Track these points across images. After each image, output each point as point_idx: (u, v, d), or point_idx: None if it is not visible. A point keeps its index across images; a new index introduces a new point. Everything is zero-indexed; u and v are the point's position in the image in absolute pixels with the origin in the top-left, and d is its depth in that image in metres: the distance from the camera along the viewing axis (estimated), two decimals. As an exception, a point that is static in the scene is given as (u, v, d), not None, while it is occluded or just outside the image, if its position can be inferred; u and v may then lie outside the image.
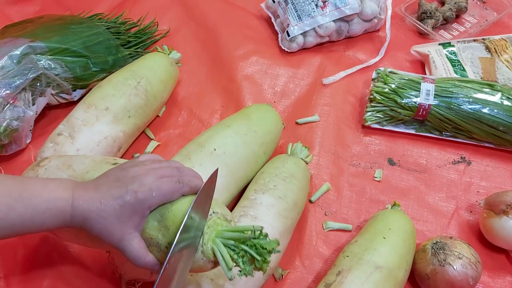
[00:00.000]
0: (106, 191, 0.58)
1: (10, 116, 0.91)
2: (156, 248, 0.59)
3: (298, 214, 0.85)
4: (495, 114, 0.98)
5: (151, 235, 0.59)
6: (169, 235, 0.58)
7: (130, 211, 0.57)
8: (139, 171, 0.60)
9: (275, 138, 0.95)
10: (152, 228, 0.59)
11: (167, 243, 0.58)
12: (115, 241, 0.57)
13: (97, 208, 0.57)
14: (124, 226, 0.57)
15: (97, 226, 0.57)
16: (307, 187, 0.90)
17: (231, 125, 0.90)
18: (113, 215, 0.57)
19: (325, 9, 1.17)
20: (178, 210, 0.59)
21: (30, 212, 0.56)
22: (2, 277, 0.81)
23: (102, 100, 0.93)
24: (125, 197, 0.57)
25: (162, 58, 1.05)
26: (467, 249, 0.78)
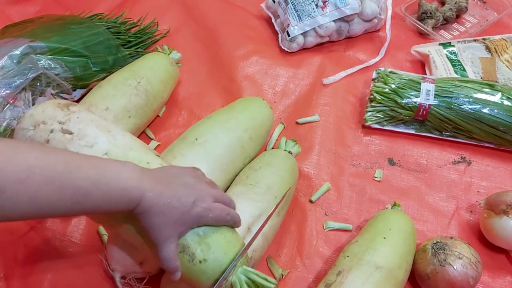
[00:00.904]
0: (174, 192, 0.61)
1: (10, 116, 0.91)
2: (188, 257, 0.63)
3: (277, 198, 0.82)
4: (495, 114, 0.98)
5: (189, 245, 0.63)
6: (208, 252, 0.63)
7: (185, 220, 0.62)
8: (204, 187, 0.65)
9: (263, 124, 0.95)
10: (193, 240, 0.63)
11: (203, 259, 0.63)
12: (160, 238, 0.61)
13: (163, 206, 0.60)
14: (175, 229, 0.61)
15: (154, 220, 0.60)
16: (288, 173, 0.88)
17: (213, 116, 0.92)
18: (172, 217, 0.60)
19: (325, 9, 1.17)
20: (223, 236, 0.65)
21: (106, 199, 0.58)
22: (2, 277, 0.81)
23: (102, 100, 0.93)
24: (189, 207, 0.61)
25: (162, 58, 1.05)
26: (467, 249, 0.78)
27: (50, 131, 0.69)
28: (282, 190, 0.85)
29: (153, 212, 0.60)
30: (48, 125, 0.69)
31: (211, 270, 0.63)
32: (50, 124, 0.69)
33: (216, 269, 0.63)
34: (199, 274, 0.63)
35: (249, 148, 0.91)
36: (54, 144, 0.68)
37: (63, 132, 0.68)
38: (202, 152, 0.84)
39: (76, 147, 0.67)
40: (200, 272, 0.63)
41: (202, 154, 0.83)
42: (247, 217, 0.78)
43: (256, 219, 0.79)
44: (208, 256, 0.63)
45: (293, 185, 0.89)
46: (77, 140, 0.68)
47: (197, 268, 0.63)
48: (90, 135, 0.69)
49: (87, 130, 0.69)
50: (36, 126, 0.69)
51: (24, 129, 0.70)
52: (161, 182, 0.62)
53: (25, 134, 0.70)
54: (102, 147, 0.68)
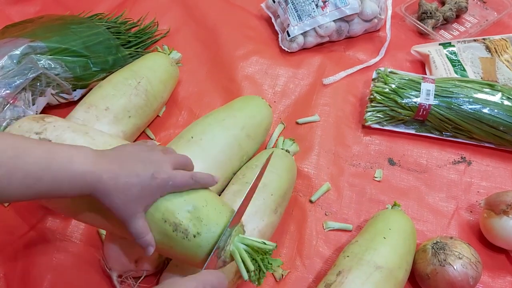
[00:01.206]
0: (131, 170, 0.61)
1: (10, 116, 0.91)
2: (182, 234, 0.63)
3: (273, 195, 0.83)
4: (495, 114, 0.98)
5: (181, 222, 0.63)
6: (200, 226, 0.63)
7: (148, 194, 0.62)
8: (160, 157, 0.65)
9: (261, 122, 0.95)
10: (184, 217, 0.63)
11: (196, 232, 0.63)
12: (126, 216, 0.61)
13: (122, 185, 0.60)
14: (139, 205, 0.62)
15: (116, 200, 0.60)
16: (285, 171, 0.88)
17: (209, 115, 0.92)
18: (134, 194, 0.61)
19: (325, 9, 1.17)
20: (212, 208, 0.65)
21: (57, 183, 0.58)
22: (2, 277, 0.81)
23: (102, 100, 0.93)
24: (147, 180, 0.61)
25: (163, 58, 1.05)
26: (467, 249, 0.78)
27: None
28: (278, 187, 0.85)
29: (112, 194, 0.60)
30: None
31: (206, 242, 0.63)
32: (28, 136, 0.70)
33: (210, 240, 0.64)
34: (195, 248, 0.64)
35: (246, 146, 0.90)
36: None
37: (41, 139, 0.69)
38: (198, 150, 0.84)
39: None
40: (196, 246, 0.63)
41: (198, 152, 0.83)
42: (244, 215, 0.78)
43: (251, 216, 0.79)
44: (201, 229, 0.63)
45: (291, 183, 0.89)
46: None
47: (192, 243, 0.63)
48: (67, 139, 0.70)
49: (64, 135, 0.71)
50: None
51: None
52: (116, 162, 0.62)
53: None
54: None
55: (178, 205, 0.64)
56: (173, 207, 0.64)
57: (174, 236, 0.63)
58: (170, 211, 0.63)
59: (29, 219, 0.88)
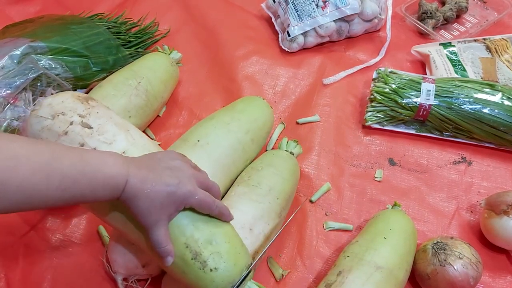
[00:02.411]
0: (159, 176, 0.62)
1: (10, 116, 0.91)
2: (200, 264, 0.63)
3: (278, 199, 0.83)
4: (495, 114, 0.98)
5: (201, 252, 0.63)
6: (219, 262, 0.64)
7: (173, 202, 0.62)
8: (187, 170, 0.65)
9: (264, 125, 0.95)
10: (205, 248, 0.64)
11: (214, 267, 0.63)
12: (149, 222, 0.62)
13: (149, 189, 0.60)
14: (163, 212, 0.62)
15: (141, 204, 0.61)
16: (289, 173, 0.88)
17: (214, 117, 0.92)
18: (159, 200, 0.61)
19: (326, 9, 1.17)
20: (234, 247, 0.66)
21: (92, 186, 0.58)
22: (2, 277, 0.81)
23: (102, 100, 0.92)
24: (174, 188, 0.62)
25: (163, 58, 1.05)
26: (467, 249, 0.78)
27: (69, 123, 0.68)
28: (283, 191, 0.85)
29: (138, 197, 0.60)
30: (67, 117, 0.69)
31: (221, 280, 0.63)
32: (70, 116, 0.69)
33: (225, 279, 0.64)
34: (208, 282, 0.64)
35: (250, 150, 0.91)
36: (73, 136, 0.68)
37: (83, 126, 0.69)
38: (204, 154, 0.83)
39: (95, 142, 0.68)
40: (210, 281, 0.63)
41: (204, 156, 0.83)
42: (249, 218, 0.78)
43: (258, 220, 0.78)
44: (219, 265, 0.63)
45: (294, 186, 0.89)
46: (97, 135, 0.69)
47: (207, 276, 0.63)
48: (109, 131, 0.70)
49: (106, 127, 0.70)
50: (54, 116, 0.69)
51: (41, 118, 0.69)
52: (145, 167, 0.62)
53: (42, 122, 0.69)
54: (121, 145, 0.69)
55: (203, 235, 0.64)
56: (198, 236, 0.64)
57: (191, 263, 0.63)
58: (195, 239, 0.64)
59: (29, 219, 0.88)
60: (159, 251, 0.63)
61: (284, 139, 0.96)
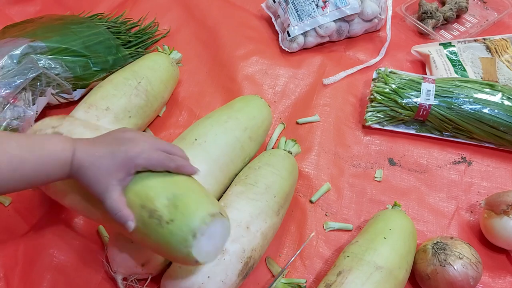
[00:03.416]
0: (103, 146, 0.64)
1: (10, 115, 0.91)
2: (156, 220, 0.62)
3: (276, 197, 0.83)
4: (495, 114, 0.98)
5: (157, 208, 0.63)
6: (175, 213, 0.62)
7: (119, 165, 0.62)
8: (137, 136, 0.66)
9: (262, 123, 0.95)
10: (161, 203, 0.63)
11: (170, 219, 0.62)
12: (99, 190, 0.62)
13: (92, 158, 0.62)
14: (111, 178, 0.62)
15: (88, 173, 0.62)
16: (287, 172, 0.88)
17: (212, 116, 0.92)
18: (104, 166, 0.62)
19: (326, 9, 1.17)
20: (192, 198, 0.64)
21: (40, 164, 0.60)
22: (2, 277, 0.81)
23: (102, 100, 0.93)
24: (116, 153, 0.62)
25: (163, 58, 1.05)
26: (467, 249, 0.78)
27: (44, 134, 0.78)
28: (281, 189, 0.85)
29: (85, 167, 0.62)
30: (43, 131, 0.78)
31: (179, 229, 0.61)
32: (45, 130, 0.77)
33: (183, 228, 0.61)
34: (167, 235, 0.62)
35: (248, 148, 0.91)
36: None
37: (54, 133, 0.76)
38: (202, 152, 0.84)
39: None
40: (169, 234, 0.62)
41: (201, 154, 0.83)
42: (246, 216, 0.78)
43: (255, 218, 0.79)
44: (175, 216, 0.62)
45: (293, 185, 0.89)
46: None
47: (165, 230, 0.62)
48: (76, 133, 0.75)
49: (75, 130, 0.76)
50: (34, 133, 0.79)
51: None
52: (92, 141, 0.64)
53: None
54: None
55: (158, 192, 0.63)
56: (153, 194, 0.63)
57: (149, 222, 0.63)
58: (150, 198, 0.63)
59: (29, 218, 0.88)
60: (117, 217, 0.62)
61: (282, 139, 0.96)
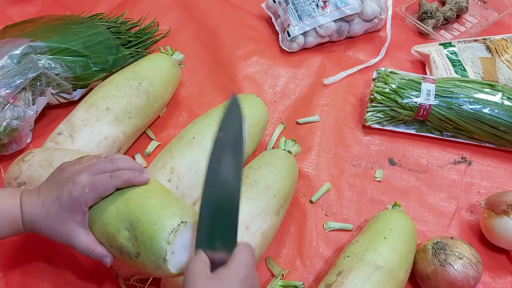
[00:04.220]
0: (46, 194, 0.62)
1: (10, 115, 0.91)
2: (128, 256, 0.62)
3: (276, 197, 0.82)
4: (495, 114, 0.98)
5: (123, 244, 0.62)
6: (137, 245, 0.61)
7: (69, 210, 0.61)
8: (74, 170, 0.63)
9: (259, 121, 0.95)
10: (124, 237, 0.62)
11: (136, 253, 0.61)
12: (63, 239, 0.62)
13: (40, 211, 0.61)
14: (67, 224, 0.61)
15: (43, 227, 0.61)
16: (287, 172, 0.88)
17: (209, 114, 0.92)
18: (55, 216, 0.61)
19: (326, 9, 1.17)
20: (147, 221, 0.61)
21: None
22: (2, 277, 0.81)
23: (103, 101, 0.93)
24: (61, 198, 0.61)
25: (164, 59, 1.04)
26: (467, 249, 0.78)
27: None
28: (281, 189, 0.84)
29: (38, 222, 0.61)
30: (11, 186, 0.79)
31: (148, 260, 0.61)
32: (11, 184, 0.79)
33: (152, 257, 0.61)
34: (143, 265, 0.62)
35: (246, 145, 0.91)
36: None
37: (19, 186, 0.77)
38: (200, 149, 0.84)
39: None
40: (143, 264, 0.62)
41: (200, 151, 0.83)
42: (246, 216, 0.78)
43: (255, 218, 0.78)
44: (139, 248, 0.61)
45: (293, 184, 0.89)
46: (28, 187, 0.76)
47: (139, 263, 0.62)
48: (35, 177, 0.76)
49: (33, 174, 0.77)
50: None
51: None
52: (34, 193, 0.63)
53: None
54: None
55: (116, 227, 0.62)
56: (112, 230, 0.62)
57: (123, 258, 0.64)
58: (111, 235, 0.63)
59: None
60: (92, 257, 0.62)
61: (282, 138, 0.96)
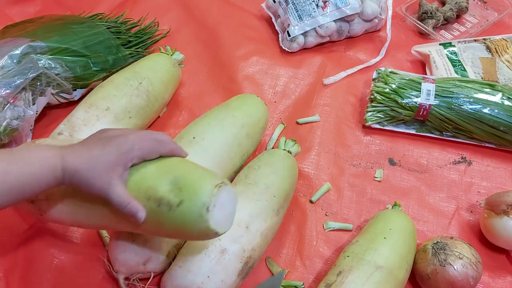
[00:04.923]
0: (94, 146, 0.63)
1: (10, 115, 0.91)
2: (166, 207, 0.63)
3: (276, 197, 0.82)
4: (495, 114, 0.98)
5: (163, 196, 0.63)
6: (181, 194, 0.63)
7: (115, 162, 0.62)
8: (123, 131, 0.66)
9: (259, 121, 0.95)
10: (165, 190, 0.63)
11: (179, 201, 0.62)
12: (102, 189, 0.61)
13: (87, 160, 0.61)
14: (110, 175, 0.62)
15: (86, 176, 0.61)
16: (287, 171, 0.88)
17: (209, 114, 0.92)
18: (101, 166, 0.61)
19: (326, 9, 1.17)
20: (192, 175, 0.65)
21: (25, 172, 0.58)
22: (2, 277, 0.81)
23: (103, 100, 0.93)
24: (110, 149, 0.62)
25: (165, 59, 1.05)
26: (467, 249, 0.78)
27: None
28: (281, 189, 0.85)
29: (82, 170, 0.61)
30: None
31: (190, 209, 0.62)
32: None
33: (195, 205, 0.62)
34: (181, 218, 0.62)
35: (246, 145, 0.91)
36: None
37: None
38: (200, 150, 0.84)
39: None
40: (182, 215, 0.62)
41: (200, 152, 0.83)
42: (246, 216, 0.78)
43: (254, 218, 0.79)
44: (183, 197, 0.62)
45: (292, 184, 0.89)
46: None
47: (177, 214, 0.62)
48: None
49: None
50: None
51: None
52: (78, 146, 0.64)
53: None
54: None
55: (159, 180, 0.64)
56: (154, 183, 0.64)
57: (159, 211, 0.63)
58: (152, 188, 0.63)
59: (29, 218, 0.88)
60: (126, 211, 0.62)
61: (282, 138, 0.96)
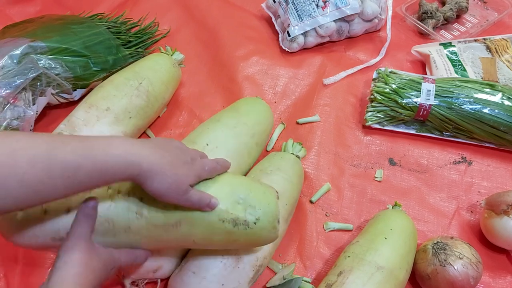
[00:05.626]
0: (172, 151, 0.64)
1: (10, 115, 0.91)
2: (244, 226, 0.66)
3: (287, 205, 0.83)
4: (496, 114, 0.98)
5: (238, 216, 0.66)
6: (255, 211, 0.67)
7: (192, 173, 0.64)
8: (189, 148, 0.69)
9: (266, 129, 0.95)
10: (238, 210, 0.67)
11: (256, 219, 0.67)
12: (181, 193, 0.62)
13: (171, 164, 0.61)
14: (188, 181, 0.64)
15: (168, 179, 0.61)
16: (297, 178, 0.88)
17: (220, 119, 0.91)
18: (183, 171, 0.63)
19: (326, 9, 1.17)
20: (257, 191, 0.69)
21: (98, 168, 0.56)
22: (2, 277, 0.81)
23: (103, 101, 0.93)
24: (192, 162, 0.65)
25: (165, 59, 1.04)
26: (468, 249, 0.78)
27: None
28: (292, 196, 0.85)
29: (164, 173, 0.60)
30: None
31: (267, 223, 0.67)
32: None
33: (270, 220, 0.68)
34: (260, 234, 0.67)
35: (254, 153, 0.91)
36: None
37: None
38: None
39: None
40: (260, 231, 0.67)
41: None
42: None
43: None
44: (258, 214, 0.67)
45: (300, 189, 0.90)
46: None
47: (256, 230, 0.67)
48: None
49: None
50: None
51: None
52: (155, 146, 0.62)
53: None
54: None
55: (227, 201, 0.66)
56: (225, 206, 0.66)
57: (236, 231, 0.66)
58: (224, 210, 0.66)
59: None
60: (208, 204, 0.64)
61: (290, 141, 0.96)
